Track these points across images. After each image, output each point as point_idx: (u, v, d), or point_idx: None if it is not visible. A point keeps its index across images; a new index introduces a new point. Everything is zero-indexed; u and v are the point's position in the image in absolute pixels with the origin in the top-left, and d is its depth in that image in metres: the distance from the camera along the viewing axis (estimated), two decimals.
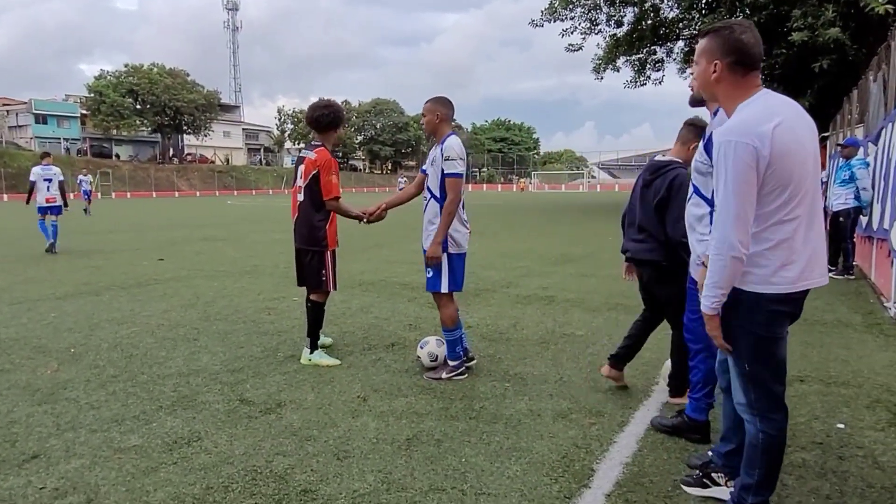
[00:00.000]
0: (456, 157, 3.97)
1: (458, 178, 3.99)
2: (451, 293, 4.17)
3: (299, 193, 4.57)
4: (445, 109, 4.15)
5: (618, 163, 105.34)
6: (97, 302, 6.81)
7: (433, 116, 4.13)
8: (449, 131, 4.13)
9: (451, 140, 4.05)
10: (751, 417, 2.31)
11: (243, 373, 4.30)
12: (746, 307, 2.19)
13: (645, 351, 4.73)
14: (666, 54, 30.91)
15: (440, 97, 4.20)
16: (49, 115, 66.01)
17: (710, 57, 2.24)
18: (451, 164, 3.97)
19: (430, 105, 4.17)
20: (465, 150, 4.17)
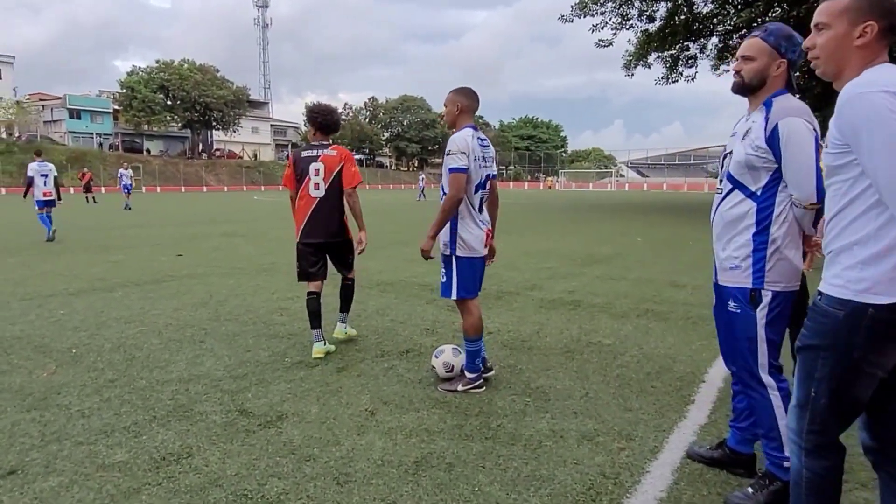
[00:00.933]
0: (457, 150, 3.65)
1: (457, 174, 3.66)
2: (473, 300, 3.87)
3: (316, 191, 4.64)
4: (467, 101, 3.84)
5: (647, 161, 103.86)
6: (108, 299, 6.64)
7: (453, 107, 3.84)
8: (466, 124, 3.81)
9: (457, 133, 3.74)
10: (796, 449, 1.96)
11: (246, 380, 4.04)
12: (846, 322, 1.79)
13: (677, 364, 4.39)
14: (699, 50, 30.15)
15: (462, 88, 3.90)
16: (83, 110, 67.26)
17: (857, 17, 1.82)
18: (452, 159, 3.66)
19: (451, 95, 3.87)
20: (485, 144, 3.85)
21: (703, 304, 6.59)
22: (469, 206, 3.76)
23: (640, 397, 3.76)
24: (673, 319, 5.92)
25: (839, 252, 1.83)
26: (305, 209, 4.68)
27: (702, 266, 9.46)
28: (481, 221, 3.85)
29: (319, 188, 4.63)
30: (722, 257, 2.63)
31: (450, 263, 3.84)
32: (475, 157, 3.71)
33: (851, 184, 1.78)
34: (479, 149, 3.76)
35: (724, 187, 2.62)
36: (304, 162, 4.69)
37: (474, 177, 3.74)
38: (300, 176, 4.70)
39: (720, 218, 2.63)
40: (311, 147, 4.77)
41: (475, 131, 3.79)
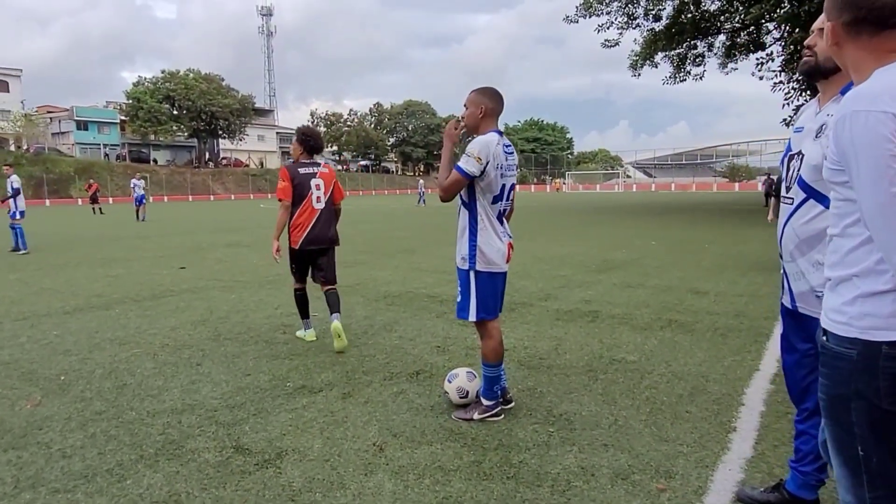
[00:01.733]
0: (475, 154, 3.30)
1: (459, 177, 3.32)
2: (494, 321, 3.53)
3: (318, 203, 5.17)
4: (492, 103, 3.45)
5: (654, 162, 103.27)
6: (104, 318, 6.36)
7: (476, 110, 3.44)
8: (491, 129, 3.45)
9: (484, 136, 3.38)
10: None
11: (244, 409, 3.72)
12: (862, 363, 1.48)
13: (711, 383, 4.04)
14: (707, 48, 29.74)
15: (487, 88, 3.50)
16: (90, 121, 67.52)
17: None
18: (465, 160, 3.32)
19: (474, 96, 3.46)
20: (510, 152, 3.51)
21: (729, 313, 6.24)
22: (488, 217, 3.43)
23: (676, 425, 3.41)
24: (699, 331, 5.56)
25: (839, 282, 1.52)
26: (310, 219, 5.15)
27: (722, 270, 9.10)
28: (503, 233, 3.52)
29: (321, 201, 5.18)
30: (814, 283, 2.21)
31: (467, 280, 3.48)
32: (497, 166, 3.37)
33: (852, 206, 1.47)
34: (502, 156, 3.40)
35: (795, 196, 2.24)
36: (304, 178, 5.13)
37: (494, 186, 3.40)
38: (301, 190, 5.09)
39: (793, 234, 2.26)
40: (306, 165, 5.21)
41: (501, 137, 3.44)
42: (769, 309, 6.44)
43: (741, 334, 5.44)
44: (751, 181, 68.64)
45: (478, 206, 3.42)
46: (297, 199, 5.10)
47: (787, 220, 2.33)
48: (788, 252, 2.35)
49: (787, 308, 2.42)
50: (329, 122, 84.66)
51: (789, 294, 2.39)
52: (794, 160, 2.27)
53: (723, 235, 14.88)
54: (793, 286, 2.37)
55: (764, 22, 26.83)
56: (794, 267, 2.34)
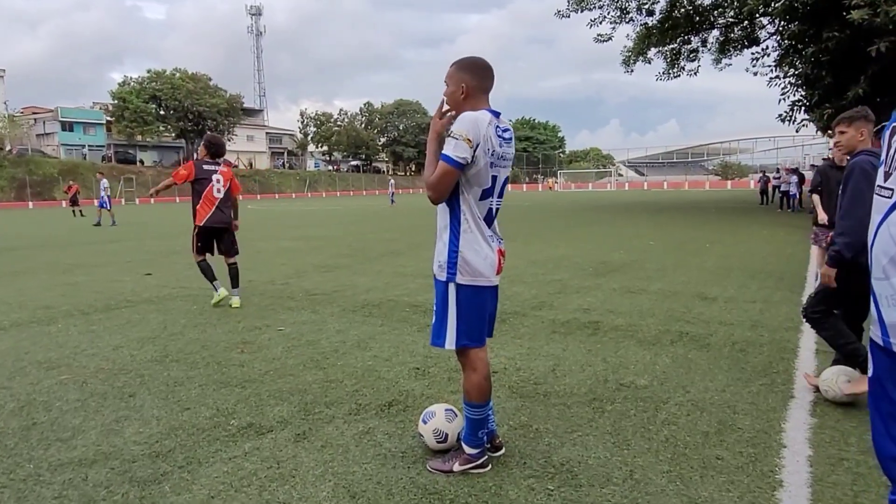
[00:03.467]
0: (462, 133, 2.55)
1: (449, 168, 2.58)
2: (480, 350, 2.79)
3: (218, 193, 6.61)
4: (476, 79, 2.71)
5: (645, 160, 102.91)
6: (42, 335, 5.62)
7: (457, 90, 2.71)
8: (482, 107, 2.70)
9: (471, 113, 2.63)
10: None
11: (170, 459, 3.01)
12: None
13: (740, 416, 3.35)
14: (701, 44, 29.16)
15: (469, 60, 2.75)
16: (75, 122, 66.22)
17: None
18: (448, 143, 2.59)
19: (454, 71, 2.74)
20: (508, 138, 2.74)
21: (744, 323, 5.58)
22: (474, 216, 2.70)
23: (706, 478, 2.72)
24: (715, 346, 4.89)
25: None
26: (211, 205, 6.58)
27: (728, 273, 8.45)
28: (491, 238, 2.78)
29: (220, 192, 6.62)
30: None
31: (445, 295, 2.74)
32: (488, 151, 2.62)
33: None
34: (495, 140, 2.65)
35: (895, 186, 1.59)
36: (206, 173, 6.56)
37: (483, 178, 2.66)
38: (202, 181, 6.51)
39: (891, 240, 1.60)
40: (209, 163, 6.64)
41: (496, 117, 2.69)
42: (787, 318, 5.79)
43: (763, 350, 4.77)
44: (743, 179, 68.32)
45: (461, 201, 2.69)
46: (200, 188, 6.50)
47: (883, 220, 1.66)
48: (881, 266, 1.67)
49: (878, 345, 1.74)
50: (319, 122, 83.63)
51: (880, 326, 1.71)
52: None
53: (723, 234, 14.26)
54: (885, 314, 1.69)
55: (758, 16, 26.29)
56: (888, 287, 1.66)
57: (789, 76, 25.04)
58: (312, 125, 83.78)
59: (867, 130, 3.67)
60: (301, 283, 8.21)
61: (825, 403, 3.62)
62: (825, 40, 18.67)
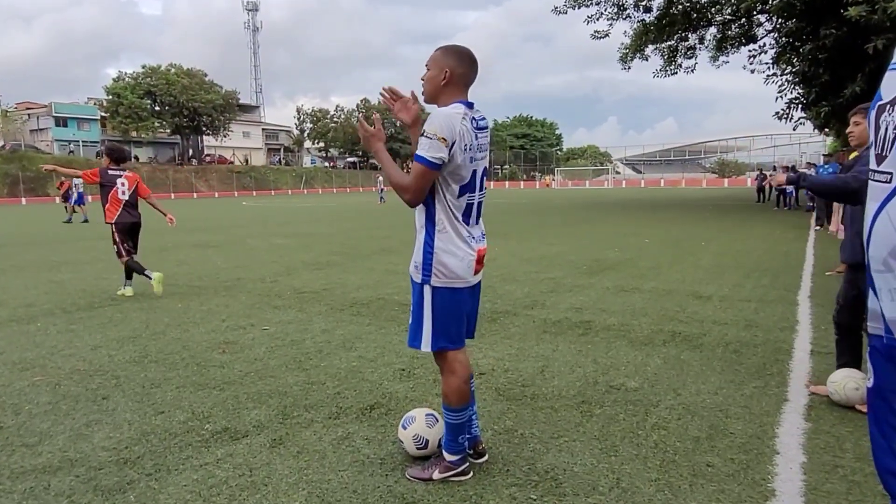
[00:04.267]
0: (435, 133, 2.42)
1: (424, 169, 2.45)
2: (458, 351, 2.67)
3: (123, 195, 7.24)
4: (461, 67, 2.56)
5: (642, 158, 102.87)
6: (20, 334, 5.48)
7: (438, 73, 2.55)
8: (456, 100, 2.56)
9: (443, 109, 2.52)
10: None
11: (139, 466, 2.88)
12: None
13: (732, 420, 3.24)
14: (698, 41, 29.06)
15: (456, 48, 2.61)
16: (69, 117, 65.92)
17: None
18: (422, 143, 2.45)
19: (438, 55, 2.58)
20: (482, 127, 2.62)
21: (738, 323, 5.47)
22: (450, 214, 2.57)
23: (696, 487, 2.61)
24: (708, 346, 4.78)
25: None
26: (118, 205, 7.23)
27: (723, 271, 8.34)
28: (471, 237, 2.63)
29: (125, 194, 7.24)
30: None
31: (420, 297, 2.64)
32: (465, 146, 2.50)
33: None
34: (470, 133, 2.53)
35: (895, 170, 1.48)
36: (111, 178, 7.21)
37: (461, 173, 2.52)
38: (109, 186, 7.16)
39: (891, 228, 1.48)
40: (114, 170, 7.30)
41: (469, 108, 2.56)
42: (782, 317, 5.69)
43: (757, 350, 4.66)
44: (740, 177, 68.28)
45: (436, 200, 2.56)
46: (107, 191, 7.15)
47: (881, 207, 1.55)
48: (881, 257, 1.56)
49: (878, 345, 1.63)
50: (315, 118, 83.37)
51: (882, 322, 1.60)
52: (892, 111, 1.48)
53: (719, 232, 14.16)
54: (886, 310, 1.58)
55: (756, 13, 26.19)
56: (889, 280, 1.55)
57: (786, 74, 24.96)
58: (309, 121, 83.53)
59: None
60: (290, 281, 8.08)
61: (820, 407, 3.51)
62: (822, 37, 18.58)
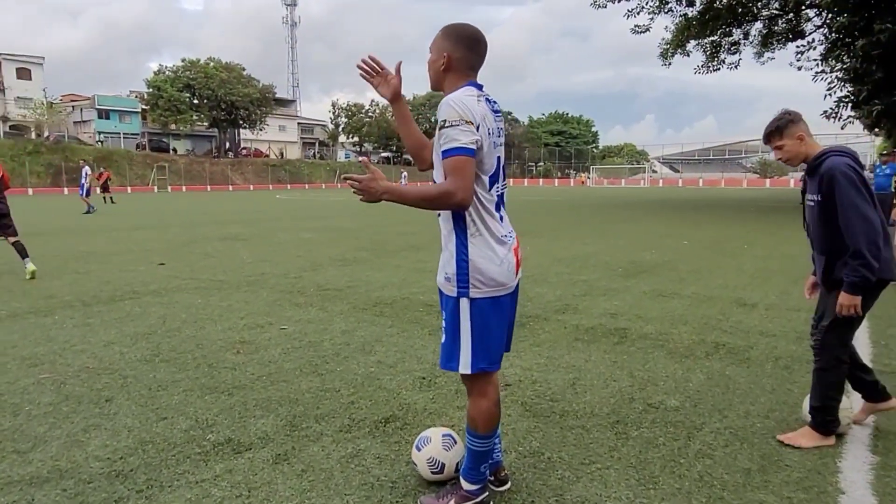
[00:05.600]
0: (458, 118, 2.10)
1: (463, 159, 2.09)
2: (493, 375, 2.34)
3: None
4: (461, 50, 2.25)
5: (680, 157, 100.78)
6: (36, 327, 5.37)
7: (438, 58, 2.28)
8: (464, 83, 2.27)
9: (454, 93, 2.19)
10: None
11: (130, 481, 2.66)
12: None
13: (790, 451, 2.85)
14: (743, 36, 28.09)
15: (457, 27, 2.29)
16: (111, 110, 67.38)
17: None
18: (447, 136, 2.12)
19: (439, 37, 2.30)
20: (498, 110, 2.29)
21: (788, 335, 5.06)
22: (483, 211, 2.22)
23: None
24: (756, 361, 4.39)
25: None
26: None
27: (768, 276, 7.86)
28: (505, 235, 2.28)
29: None
30: None
31: (456, 312, 2.26)
32: (489, 130, 2.17)
33: None
34: (490, 116, 2.21)
35: None
36: None
37: (488, 161, 2.20)
38: None
39: None
40: None
41: (479, 90, 2.25)
42: None
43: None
44: (783, 177, 66.28)
45: None
46: None
47: None
48: None
49: None
50: (350, 112, 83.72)
51: None
52: None
53: (762, 235, 13.55)
54: None
55: (804, 8, 25.19)
56: None
57: (836, 71, 23.90)
58: (344, 116, 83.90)
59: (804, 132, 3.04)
60: (314, 277, 7.88)
61: (887, 437, 3.13)
62: (877, 33, 17.69)
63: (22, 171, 49.68)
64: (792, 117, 3.05)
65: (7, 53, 61.47)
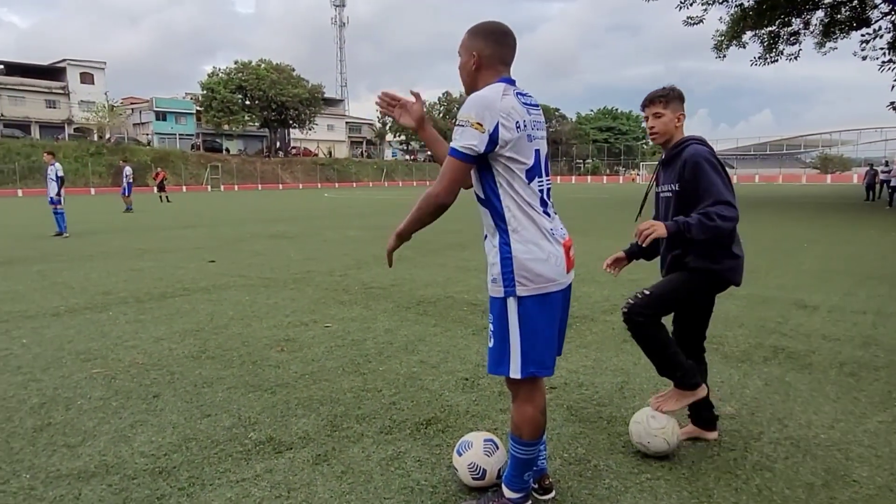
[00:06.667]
0: (466, 119, 2.05)
1: (457, 162, 2.08)
2: (535, 379, 2.23)
3: None
4: (490, 47, 2.19)
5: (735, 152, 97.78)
6: (91, 322, 5.53)
7: (469, 59, 2.22)
8: (495, 80, 2.17)
9: (479, 91, 2.13)
10: None
11: (173, 478, 2.67)
12: None
13: (855, 464, 2.66)
14: (802, 26, 26.97)
15: (483, 25, 2.24)
16: (168, 111, 69.66)
17: None
18: (456, 132, 2.08)
19: (466, 38, 2.24)
20: (533, 104, 2.20)
21: (854, 340, 4.77)
22: (525, 208, 2.13)
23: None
24: (818, 367, 4.15)
25: None
26: None
27: (830, 277, 7.48)
28: (552, 230, 2.18)
29: None
30: None
31: (504, 313, 2.17)
32: (518, 124, 2.08)
33: None
34: (520, 109, 2.11)
35: None
36: None
37: (524, 152, 2.11)
38: None
39: None
40: None
41: (510, 85, 2.16)
42: None
43: (879, 374, 3.99)
44: (845, 173, 63.55)
45: (501, 195, 2.14)
46: None
47: None
48: None
49: None
50: None
51: None
52: None
53: (823, 233, 12.96)
54: None
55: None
56: None
57: None
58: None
59: (683, 116, 2.87)
60: (359, 275, 7.90)
61: None
62: None
63: (85, 172, 51.88)
64: (680, 95, 2.89)
65: (71, 59, 64.26)
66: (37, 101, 61.77)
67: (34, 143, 53.76)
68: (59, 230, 13.57)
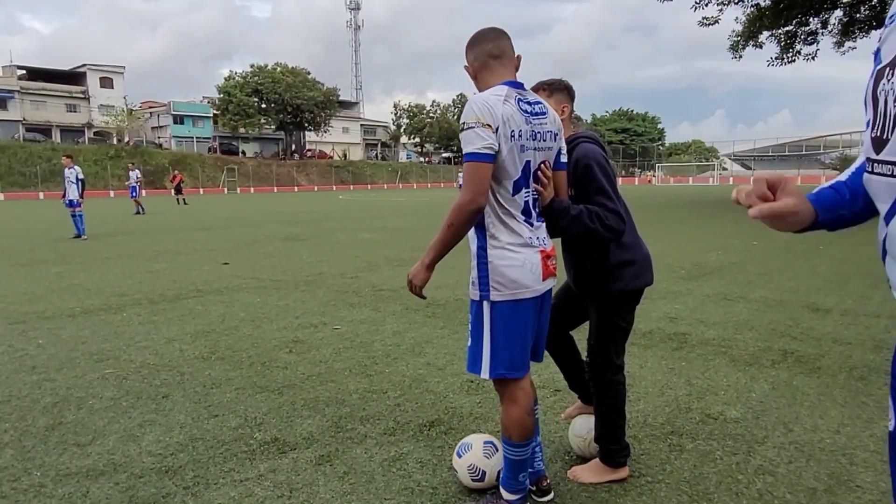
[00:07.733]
0: (474, 121, 2.06)
1: (477, 164, 2.06)
2: (521, 380, 2.26)
3: None
4: (478, 51, 2.24)
5: (753, 153, 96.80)
6: (106, 323, 5.62)
7: (469, 72, 2.30)
8: (497, 82, 2.19)
9: (477, 95, 2.15)
10: None
11: (178, 477, 2.72)
12: None
13: (859, 468, 2.65)
14: (820, 25, 26.65)
15: (472, 36, 2.27)
16: (185, 115, 70.44)
17: None
18: (464, 139, 2.09)
19: (466, 53, 2.29)
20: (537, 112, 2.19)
21: (865, 343, 4.72)
22: (504, 217, 2.18)
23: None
24: (827, 371, 4.12)
25: None
26: None
27: (844, 280, 7.40)
28: (531, 238, 2.22)
29: None
30: None
31: (479, 315, 2.24)
32: (512, 133, 2.09)
33: None
34: (518, 117, 2.12)
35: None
36: None
37: (509, 166, 2.12)
38: None
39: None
40: None
41: (514, 88, 2.17)
42: None
43: (889, 379, 3.94)
44: None
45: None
46: None
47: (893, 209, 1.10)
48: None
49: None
50: (412, 113, 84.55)
51: None
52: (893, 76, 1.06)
53: (839, 236, 12.75)
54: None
55: None
56: None
57: None
58: (405, 117, 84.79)
59: (569, 108, 2.67)
60: (370, 278, 7.95)
61: None
62: None
63: (104, 175, 52.59)
64: (567, 86, 2.70)
65: (91, 64, 65.23)
66: (58, 106, 62.78)
67: (55, 146, 54.58)
68: (78, 233, 13.81)
